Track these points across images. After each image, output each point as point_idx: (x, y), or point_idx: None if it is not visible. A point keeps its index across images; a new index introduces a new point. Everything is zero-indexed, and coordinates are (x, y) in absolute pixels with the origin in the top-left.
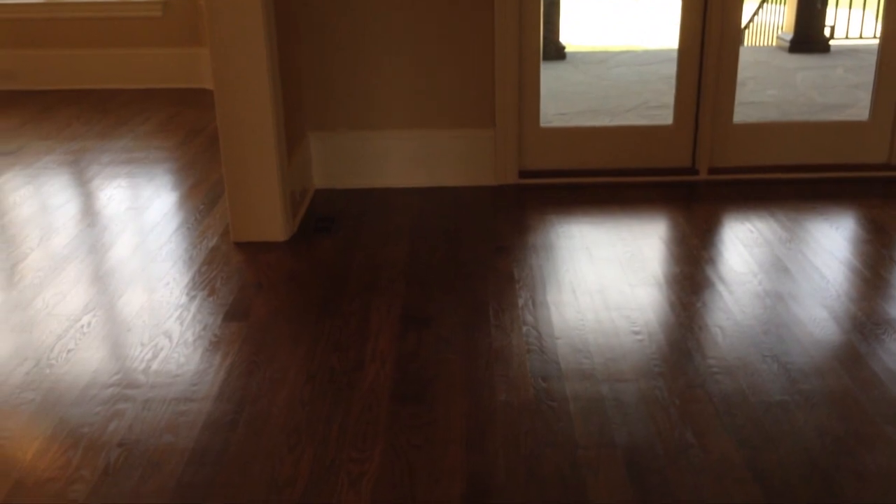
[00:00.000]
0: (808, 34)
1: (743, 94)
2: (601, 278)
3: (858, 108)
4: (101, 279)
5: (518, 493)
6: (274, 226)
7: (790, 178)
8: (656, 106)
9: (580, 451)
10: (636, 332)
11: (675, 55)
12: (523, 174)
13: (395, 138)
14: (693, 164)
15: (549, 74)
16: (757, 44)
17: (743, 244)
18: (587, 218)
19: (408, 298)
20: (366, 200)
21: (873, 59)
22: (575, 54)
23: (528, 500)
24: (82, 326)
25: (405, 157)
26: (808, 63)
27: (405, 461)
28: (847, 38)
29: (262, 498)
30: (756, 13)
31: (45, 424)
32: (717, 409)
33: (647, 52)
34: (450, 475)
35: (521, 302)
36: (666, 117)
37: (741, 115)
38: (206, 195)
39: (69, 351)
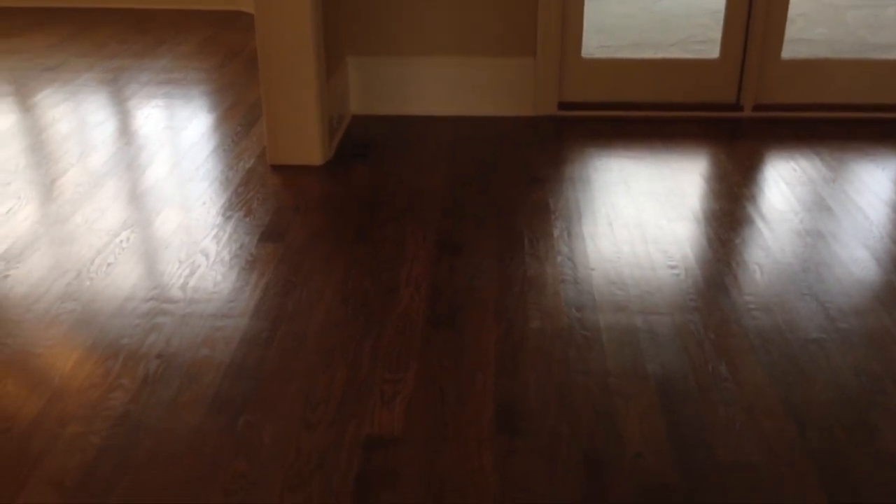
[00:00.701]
0: None
1: (792, 31)
2: (639, 212)
3: None
4: (139, 197)
5: (548, 419)
6: (311, 150)
7: (837, 118)
8: (702, 40)
9: (612, 380)
10: (672, 267)
11: None
12: (563, 106)
13: (434, 65)
14: (738, 100)
15: (592, 5)
16: None
17: (785, 182)
18: (626, 152)
19: (443, 226)
20: (402, 128)
21: None
22: None
23: (559, 425)
24: (121, 241)
25: (443, 84)
26: (859, 1)
27: (438, 384)
28: None
29: (297, 413)
30: None
31: (86, 335)
32: (753, 345)
33: None
34: (481, 399)
35: (556, 232)
36: (711, 52)
37: (789, 52)
38: (242, 117)
39: (109, 265)
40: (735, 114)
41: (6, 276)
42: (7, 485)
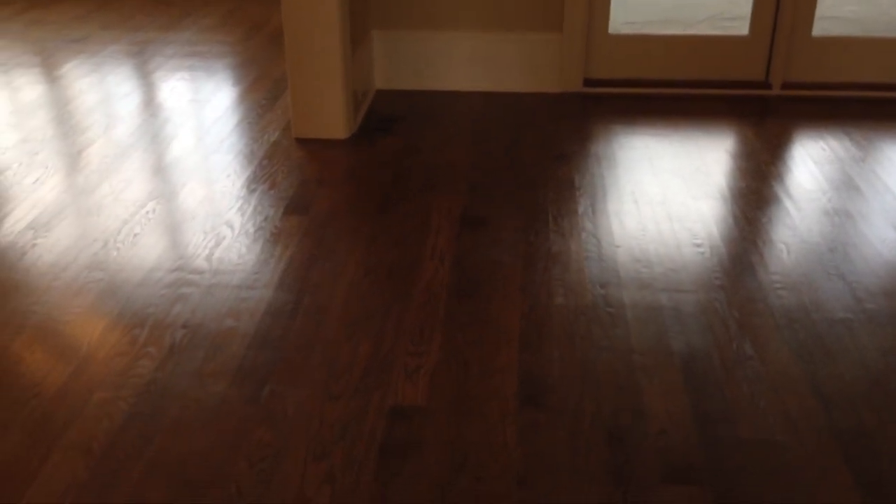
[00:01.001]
0: None
1: (822, 8)
2: (664, 189)
3: None
4: (165, 169)
5: (572, 394)
6: (336, 123)
7: (867, 97)
8: (731, 18)
9: (636, 356)
10: (698, 245)
11: None
12: (588, 82)
13: (459, 40)
14: (767, 78)
15: None
16: None
17: (814, 161)
18: (653, 129)
19: (467, 200)
20: (427, 102)
21: None
22: None
23: (582, 401)
24: (147, 212)
25: (468, 59)
26: None
27: (461, 357)
28: None
29: (321, 384)
30: None
31: (112, 304)
32: (778, 324)
33: None
34: (504, 373)
35: (581, 209)
36: (741, 29)
37: (819, 29)
38: (267, 91)
39: (135, 235)
40: (764, 92)
41: (34, 245)
42: (35, 449)
